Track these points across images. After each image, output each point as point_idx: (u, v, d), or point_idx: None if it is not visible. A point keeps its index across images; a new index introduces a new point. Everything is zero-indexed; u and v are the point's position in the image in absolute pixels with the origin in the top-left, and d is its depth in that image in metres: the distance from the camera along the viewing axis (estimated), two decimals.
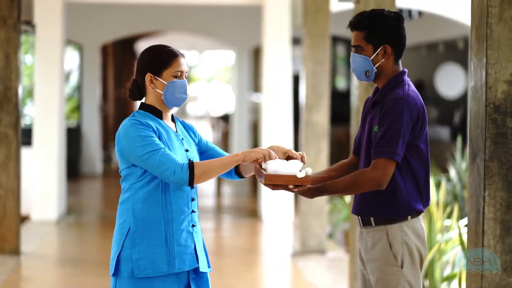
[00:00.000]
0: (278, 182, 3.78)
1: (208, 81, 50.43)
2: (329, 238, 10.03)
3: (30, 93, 14.45)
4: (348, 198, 9.96)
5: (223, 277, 7.99)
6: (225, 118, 20.68)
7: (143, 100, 3.97)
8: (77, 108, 17.31)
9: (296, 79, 13.49)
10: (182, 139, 3.95)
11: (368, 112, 4.08)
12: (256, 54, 17.73)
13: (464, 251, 6.06)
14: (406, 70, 4.04)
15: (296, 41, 13.69)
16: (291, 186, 3.81)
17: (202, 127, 35.81)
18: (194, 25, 17.05)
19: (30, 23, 10.49)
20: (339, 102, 16.91)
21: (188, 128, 4.09)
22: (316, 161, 9.12)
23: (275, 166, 3.80)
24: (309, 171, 3.81)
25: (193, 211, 3.88)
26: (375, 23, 3.97)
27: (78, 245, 9.96)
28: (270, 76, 11.62)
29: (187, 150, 3.93)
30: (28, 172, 11.05)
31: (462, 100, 16.09)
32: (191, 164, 3.74)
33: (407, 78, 4.01)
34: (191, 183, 3.74)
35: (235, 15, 16.81)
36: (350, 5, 9.25)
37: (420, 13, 13.51)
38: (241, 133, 17.43)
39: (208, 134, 29.79)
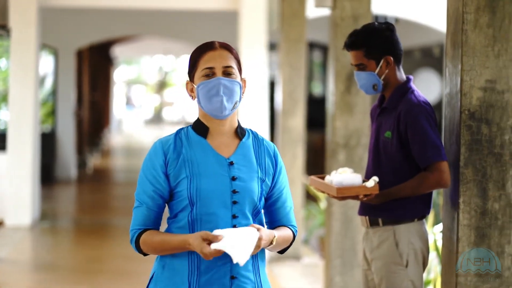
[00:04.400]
0: (349, 194, 3.98)
1: (184, 85, 50.34)
2: (304, 244, 10.02)
3: (4, 98, 14.33)
4: (323, 204, 9.95)
5: None
6: None
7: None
8: (52, 113, 17.21)
9: (272, 84, 13.48)
10: (231, 163, 3.12)
11: (375, 119, 4.21)
12: None
13: (439, 257, 6.06)
14: (411, 77, 4.17)
15: (272, 46, 13.69)
16: (361, 196, 3.98)
17: None
18: (170, 30, 17.01)
19: (5, 27, 10.41)
20: (315, 107, 16.93)
21: (264, 152, 3.21)
22: (292, 166, 9.11)
23: (340, 179, 4.00)
24: (377, 179, 3.96)
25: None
26: (371, 39, 4.09)
27: (53, 251, 9.89)
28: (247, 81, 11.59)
29: (234, 179, 3.10)
30: (2, 177, 10.95)
31: (437, 107, 16.15)
32: (138, 238, 3.11)
33: (412, 85, 4.13)
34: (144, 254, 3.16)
35: (211, 20, 16.78)
36: (326, 11, 9.26)
37: (397, 20, 13.55)
38: None
39: None
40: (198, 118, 3.17)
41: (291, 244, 3.24)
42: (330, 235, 6.53)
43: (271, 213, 3.23)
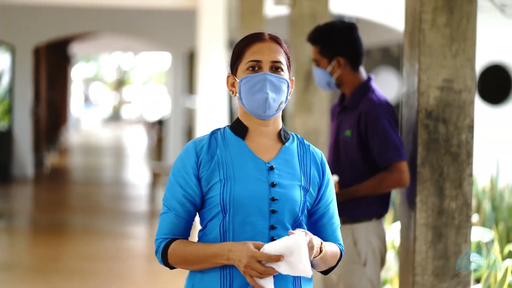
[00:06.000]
0: None
1: (144, 83, 50.13)
2: None
3: None
4: None
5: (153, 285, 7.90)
6: (160, 123, 20.51)
7: None
8: (8, 111, 17.02)
9: None
10: (271, 168, 2.74)
11: (335, 117, 4.22)
12: (192, 57, 17.66)
13: (397, 256, 6.08)
14: (372, 76, 4.16)
15: (231, 44, 13.67)
16: None
17: (136, 132, 35.59)
18: (129, 27, 16.91)
19: None
20: None
21: (310, 160, 2.82)
22: None
23: None
24: (336, 178, 3.96)
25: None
26: (327, 37, 4.11)
27: (9, 251, 9.78)
28: (205, 79, 11.57)
29: (273, 185, 2.72)
30: None
31: (396, 107, 16.27)
32: (165, 248, 2.74)
33: (373, 84, 4.14)
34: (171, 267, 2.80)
35: (170, 17, 16.72)
36: (285, 10, 9.26)
37: (357, 19, 13.60)
38: (175, 138, 17.32)
39: (142, 139, 29.62)
40: (237, 118, 2.83)
41: (337, 263, 2.86)
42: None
43: (317, 230, 2.85)
